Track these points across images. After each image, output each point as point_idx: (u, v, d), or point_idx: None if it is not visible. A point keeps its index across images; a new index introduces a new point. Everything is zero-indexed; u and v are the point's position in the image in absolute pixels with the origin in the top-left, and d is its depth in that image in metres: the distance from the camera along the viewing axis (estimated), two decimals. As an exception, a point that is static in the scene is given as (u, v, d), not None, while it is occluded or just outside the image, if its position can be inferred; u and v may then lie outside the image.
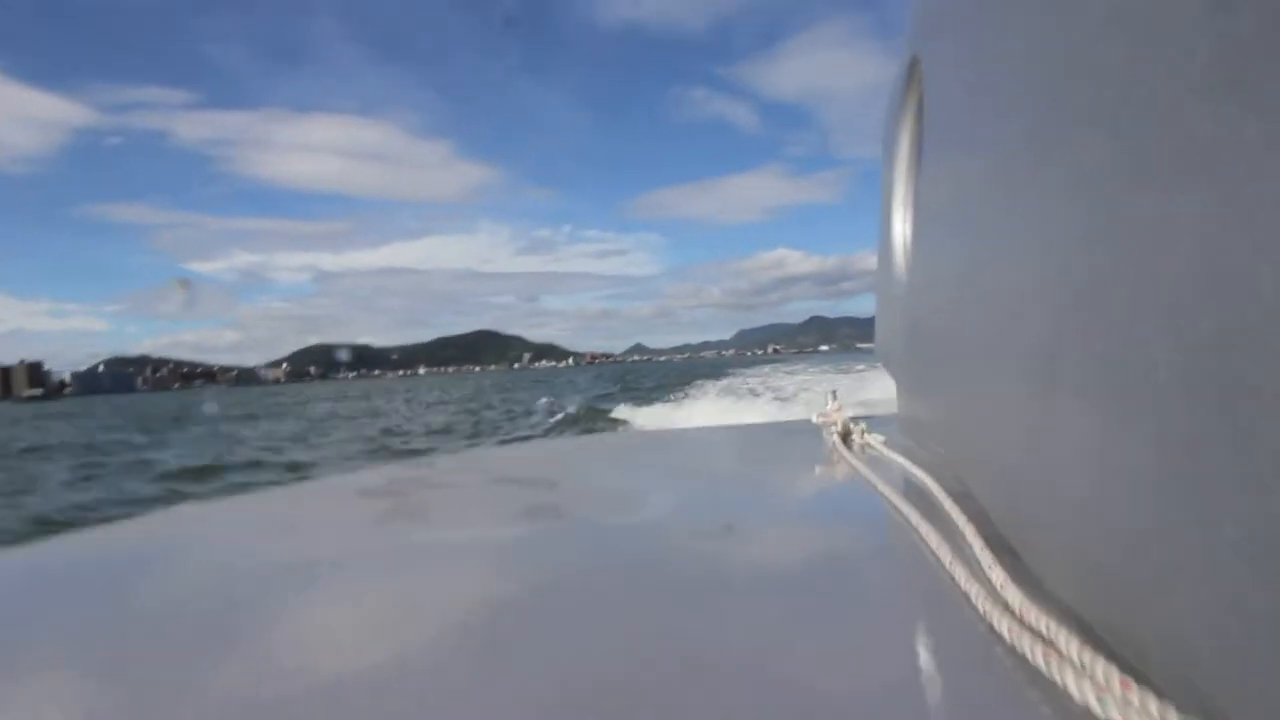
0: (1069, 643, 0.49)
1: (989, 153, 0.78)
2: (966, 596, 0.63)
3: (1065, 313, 0.55)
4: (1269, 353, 0.31)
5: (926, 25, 1.27)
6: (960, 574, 0.67)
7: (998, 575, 0.64)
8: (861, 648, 0.60)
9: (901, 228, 1.75)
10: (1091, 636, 0.51)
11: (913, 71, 1.51)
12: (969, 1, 0.88)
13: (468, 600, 0.77)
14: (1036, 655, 0.50)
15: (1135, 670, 0.45)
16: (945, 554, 0.72)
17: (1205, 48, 0.35)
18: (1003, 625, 0.55)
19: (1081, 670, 0.46)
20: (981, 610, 0.59)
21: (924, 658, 0.57)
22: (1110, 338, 0.47)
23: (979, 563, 0.69)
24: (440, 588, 0.82)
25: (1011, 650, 0.53)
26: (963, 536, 0.78)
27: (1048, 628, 0.53)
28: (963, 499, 0.90)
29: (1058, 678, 0.47)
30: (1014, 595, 0.59)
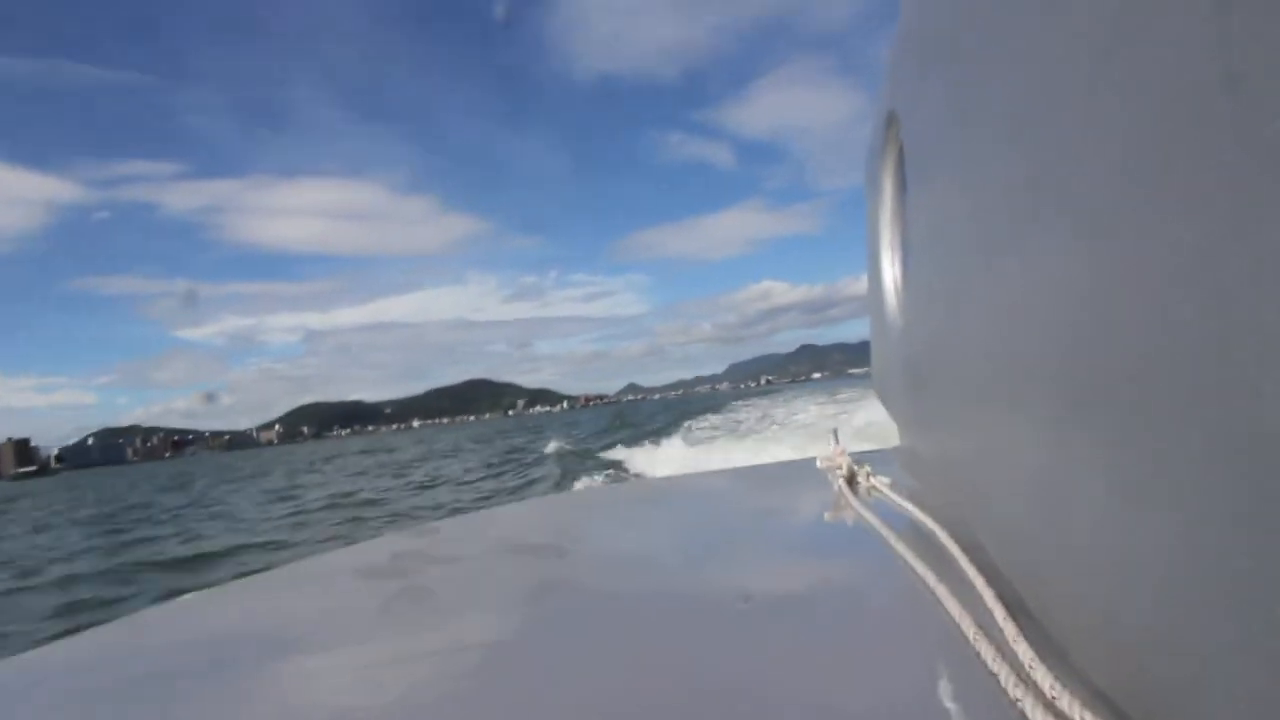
0: None
1: (972, 196, 0.79)
2: (996, 678, 0.60)
3: (1061, 352, 0.54)
4: None
5: (901, 82, 1.31)
6: (986, 650, 0.64)
7: (1024, 652, 0.62)
8: None
9: (891, 270, 1.77)
10: None
11: (890, 124, 1.56)
12: (940, 59, 0.91)
13: (479, 680, 0.77)
14: None
15: None
16: (969, 626, 0.69)
17: (1178, 100, 0.35)
18: (1035, 715, 0.52)
19: None
20: (1011, 695, 0.57)
21: None
22: (1130, 376, 0.43)
23: (1003, 635, 0.67)
24: (448, 667, 0.81)
25: None
26: (982, 602, 0.75)
27: (1081, 718, 0.50)
28: (976, 552, 0.89)
29: None
30: (1043, 677, 0.57)
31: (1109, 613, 0.50)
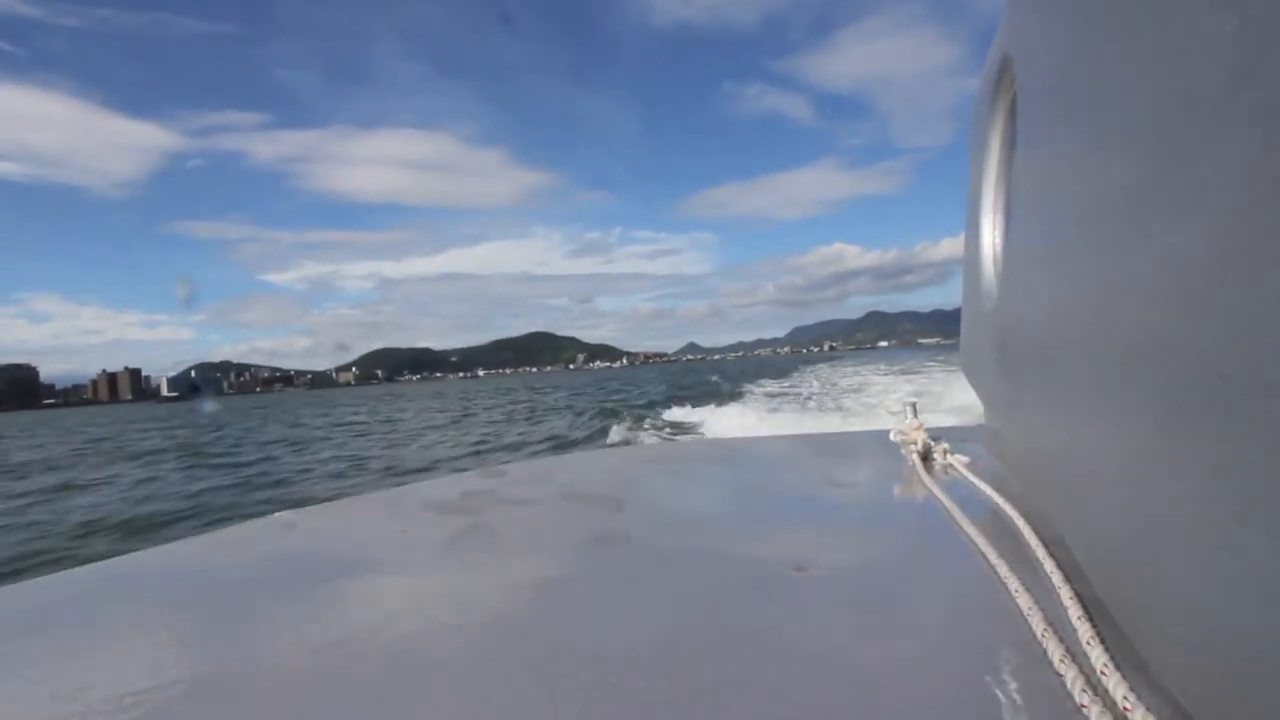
0: None
1: (1092, 160, 0.71)
2: (1062, 680, 0.56)
3: (1184, 344, 0.47)
4: None
5: (1020, 25, 1.18)
6: (1054, 649, 0.60)
7: (1097, 656, 0.57)
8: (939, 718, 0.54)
9: (991, 236, 1.64)
10: None
11: (1004, 73, 1.42)
12: (1066, 2, 0.82)
13: (529, 620, 0.78)
14: None
15: None
16: (1038, 622, 0.66)
17: None
18: None
19: None
20: (1077, 700, 0.53)
21: None
22: (1246, 379, 0.39)
23: (1075, 635, 0.63)
24: (501, 607, 0.83)
25: None
26: (1057, 597, 0.71)
27: None
28: (1056, 546, 0.84)
29: None
30: (1116, 685, 0.52)
31: (1202, 628, 0.46)
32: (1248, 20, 0.38)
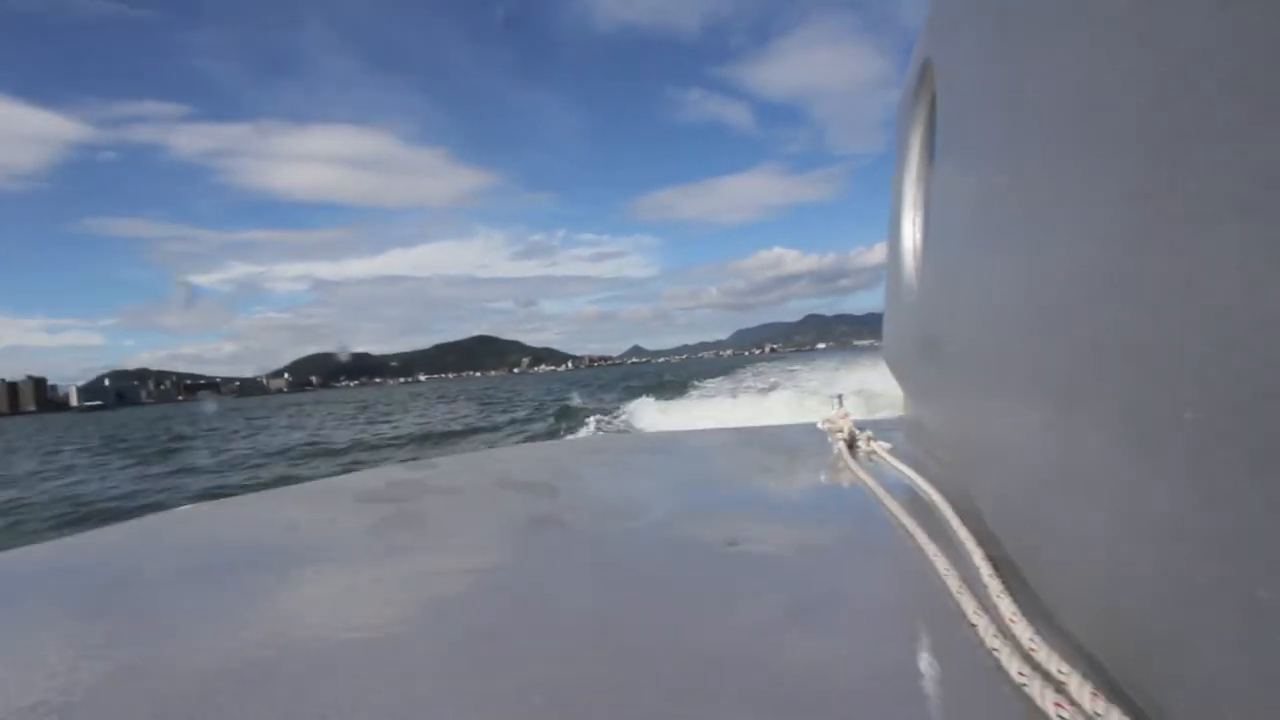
0: (1081, 689, 0.47)
1: (1003, 159, 0.76)
2: (975, 630, 0.61)
3: (1084, 328, 0.52)
4: None
5: (940, 29, 1.23)
6: (968, 603, 0.65)
7: (1007, 607, 0.62)
8: (861, 673, 0.57)
9: (912, 233, 1.71)
10: (1105, 683, 0.48)
11: (925, 75, 1.48)
12: (984, 5, 0.85)
13: (460, 604, 0.77)
14: (1045, 700, 0.48)
15: None
16: (953, 581, 0.70)
17: (1226, 51, 0.33)
18: (1011, 665, 0.53)
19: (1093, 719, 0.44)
20: (989, 645, 0.57)
21: (926, 693, 0.54)
22: (1135, 356, 0.44)
23: (987, 590, 0.68)
24: (434, 592, 0.81)
25: (1019, 691, 0.50)
26: (970, 560, 0.76)
27: (1059, 670, 0.50)
28: (970, 518, 0.88)
29: None
30: (1024, 630, 0.57)
31: (1093, 577, 0.52)
32: (1148, 27, 0.41)
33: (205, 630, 0.72)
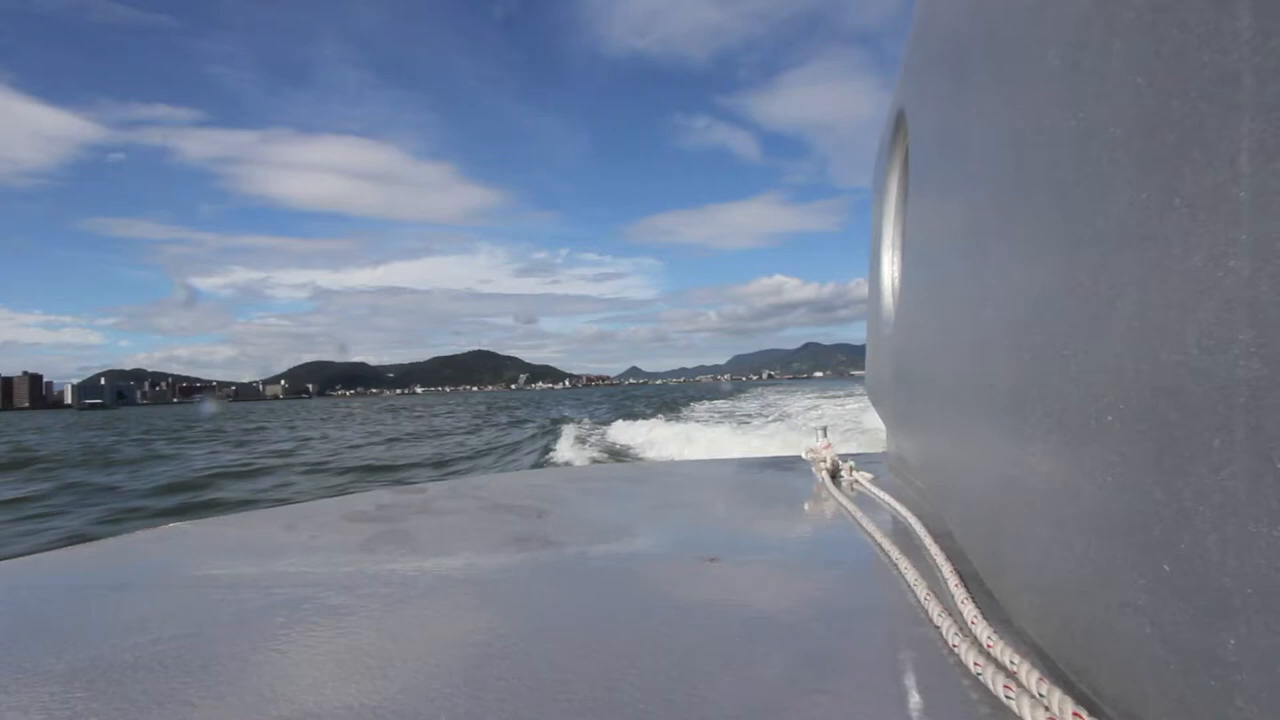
0: (1029, 675, 0.52)
1: (967, 202, 0.81)
2: (939, 630, 0.66)
3: (1028, 355, 0.58)
4: (1202, 402, 0.34)
5: (911, 80, 1.31)
6: (934, 609, 0.70)
7: (969, 611, 0.68)
8: (830, 675, 0.60)
9: (890, 270, 1.79)
10: (1051, 669, 0.54)
11: (899, 123, 1.57)
12: (949, 60, 0.91)
13: (445, 623, 0.78)
14: (998, 686, 0.53)
15: (1089, 702, 0.48)
16: (921, 590, 0.75)
17: (1172, 109, 0.36)
18: (969, 658, 0.59)
19: (1038, 700, 0.49)
20: (951, 644, 0.63)
21: (890, 687, 0.59)
22: (1072, 384, 0.49)
23: (953, 599, 0.73)
24: (418, 610, 0.82)
25: (976, 681, 0.56)
26: (940, 574, 0.82)
27: (1010, 661, 0.55)
28: (943, 538, 0.93)
29: (1014, 706, 0.50)
30: (983, 630, 0.63)
31: (1041, 577, 0.58)
32: (1093, 77, 0.45)
33: (183, 654, 0.70)
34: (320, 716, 0.55)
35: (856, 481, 1.53)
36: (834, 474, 1.59)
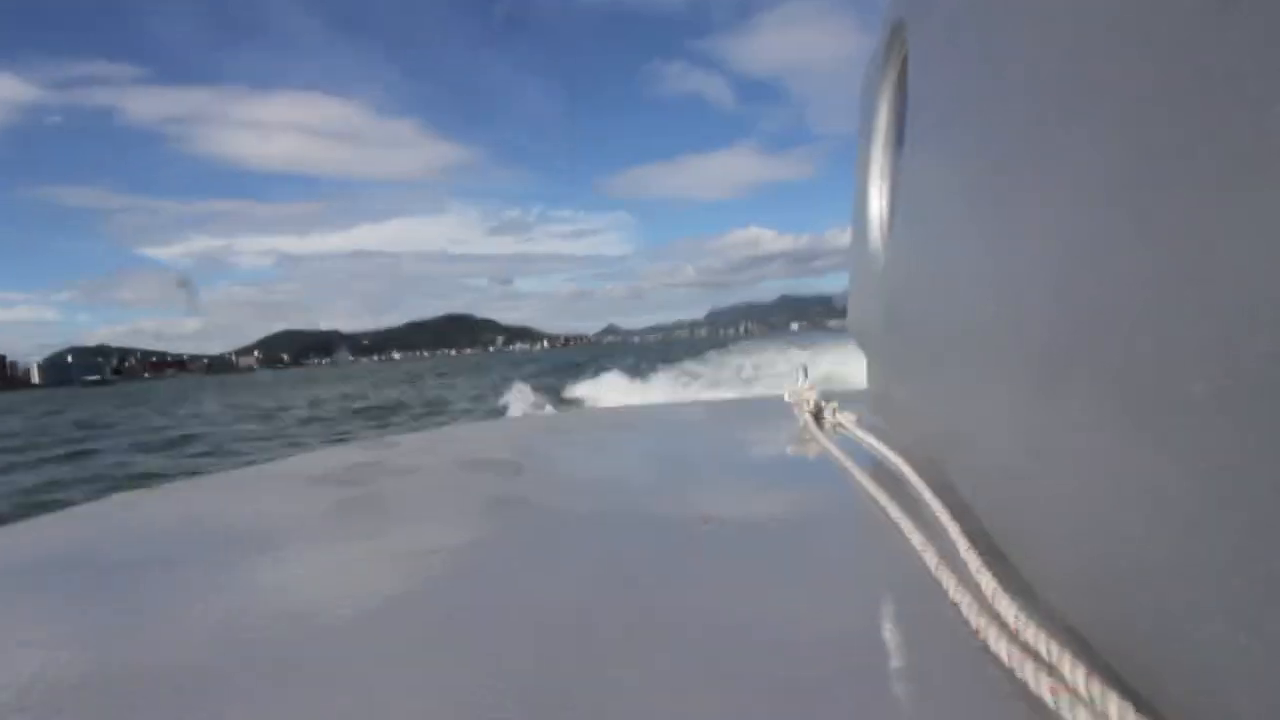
0: (1074, 670, 0.45)
1: (981, 127, 0.73)
2: (956, 608, 0.59)
3: (1067, 303, 0.50)
4: (1269, 355, 0.30)
5: None
6: (947, 579, 0.63)
7: (987, 583, 0.61)
8: (846, 651, 0.56)
9: (879, 202, 1.68)
10: (1098, 664, 0.46)
11: (896, 36, 1.44)
12: None
13: (423, 587, 0.75)
14: (1041, 686, 0.45)
15: (1150, 707, 0.41)
16: (930, 557, 0.69)
17: (1205, 35, 0.33)
18: (1000, 646, 0.51)
19: (1091, 704, 0.42)
20: (974, 625, 0.56)
21: (915, 675, 0.53)
22: (1117, 333, 0.43)
23: (966, 566, 0.66)
24: (392, 575, 0.79)
25: (1010, 675, 0.49)
26: (946, 534, 0.74)
27: (1049, 650, 0.48)
28: (941, 490, 0.87)
29: (1067, 715, 0.42)
30: (1006, 607, 0.56)
31: (1080, 551, 0.51)
32: (1128, 8, 0.40)
33: (161, 615, 0.70)
34: (301, 685, 0.54)
35: (840, 424, 1.49)
36: (817, 415, 1.56)
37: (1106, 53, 0.43)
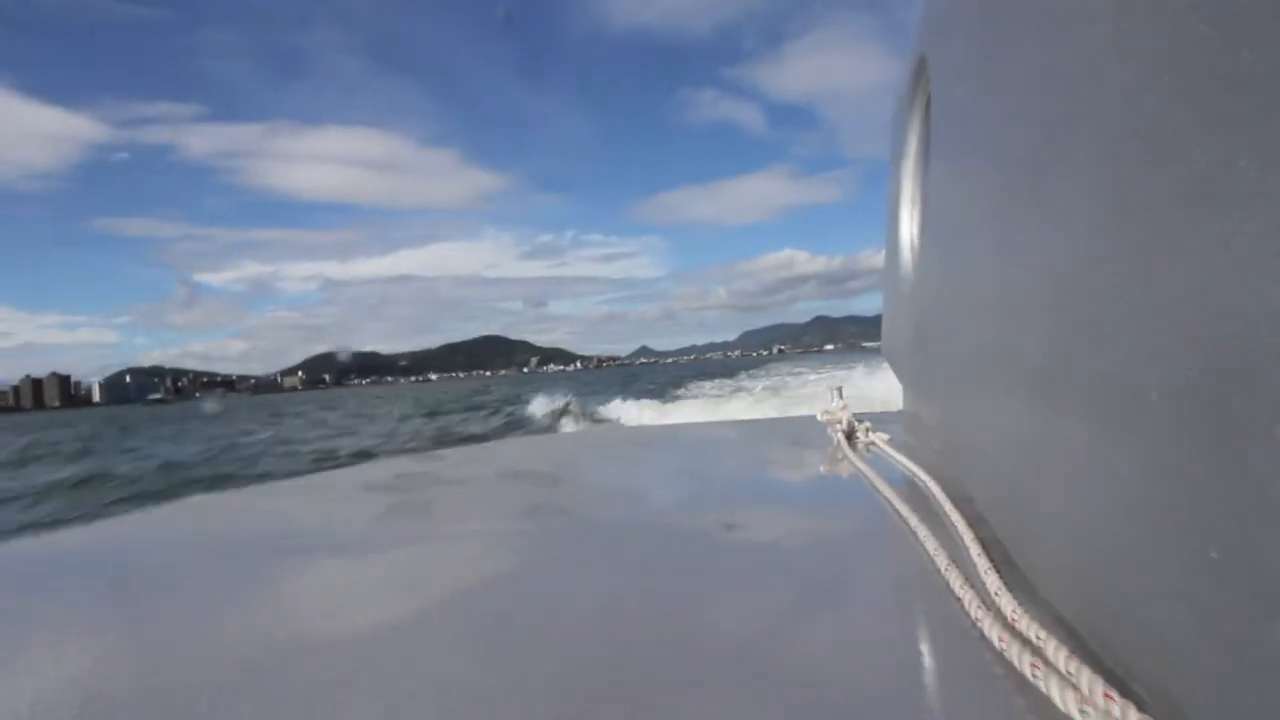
0: (1057, 652, 0.49)
1: (996, 154, 0.77)
2: (960, 602, 0.63)
3: (1068, 321, 0.54)
4: (1261, 377, 0.31)
5: (935, 24, 1.24)
6: (955, 579, 0.67)
7: (992, 582, 0.64)
8: (852, 648, 0.59)
9: (909, 227, 1.73)
10: (1080, 646, 0.51)
11: (920, 70, 1.49)
12: (978, 1, 0.85)
13: (470, 591, 0.77)
14: (1023, 663, 0.50)
15: (1120, 681, 0.45)
16: (941, 559, 0.72)
17: (1223, 55, 0.33)
18: (993, 632, 0.55)
19: (1066, 680, 0.46)
20: (974, 616, 0.60)
21: (913, 662, 0.57)
22: (1111, 350, 0.46)
23: (974, 568, 0.69)
24: (442, 579, 0.82)
25: (1000, 657, 0.53)
26: (961, 541, 0.78)
27: (1037, 636, 0.53)
28: (962, 503, 0.89)
29: (1042, 685, 0.47)
30: (1006, 602, 0.60)
31: (1074, 552, 0.55)
32: (1143, 23, 0.40)
33: (215, 621, 0.72)
34: (346, 690, 0.55)
35: (873, 443, 1.49)
36: (849, 435, 1.56)
37: (1123, 75, 0.44)
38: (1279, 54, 0.29)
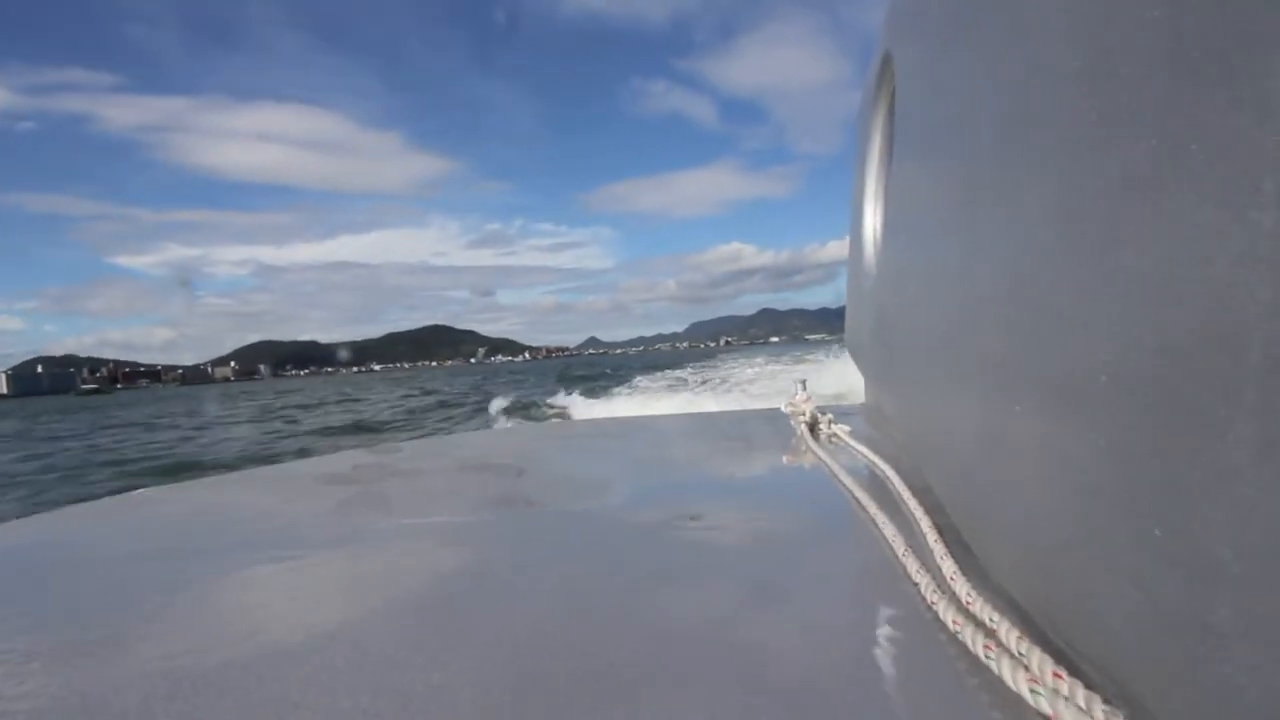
0: (1009, 634, 0.51)
1: (957, 150, 0.78)
2: (917, 586, 0.65)
3: (1023, 314, 0.55)
4: (1206, 364, 0.32)
5: (899, 22, 1.27)
6: (912, 565, 0.69)
7: (948, 567, 0.67)
8: (811, 633, 0.61)
9: (872, 221, 1.76)
10: (1031, 628, 0.53)
11: (885, 68, 1.53)
12: (940, 4, 0.88)
13: (426, 581, 0.77)
14: (976, 644, 0.52)
15: (1069, 661, 0.47)
16: (899, 545, 0.75)
17: (1172, 51, 0.34)
18: (947, 615, 0.57)
19: (1017, 660, 0.49)
20: (929, 600, 0.62)
21: (870, 645, 0.58)
22: (1063, 341, 0.47)
23: (931, 554, 0.72)
24: (400, 572, 0.81)
25: (954, 639, 0.55)
26: (919, 528, 0.81)
27: (990, 619, 0.55)
28: (921, 492, 0.92)
29: (994, 666, 0.49)
30: (961, 586, 0.62)
31: (1021, 535, 0.57)
32: (1101, 22, 0.42)
33: (166, 616, 0.70)
34: (303, 685, 0.54)
35: (835, 435, 1.53)
36: (813, 427, 1.60)
37: (1071, 75, 0.45)
38: (1228, 50, 0.30)
